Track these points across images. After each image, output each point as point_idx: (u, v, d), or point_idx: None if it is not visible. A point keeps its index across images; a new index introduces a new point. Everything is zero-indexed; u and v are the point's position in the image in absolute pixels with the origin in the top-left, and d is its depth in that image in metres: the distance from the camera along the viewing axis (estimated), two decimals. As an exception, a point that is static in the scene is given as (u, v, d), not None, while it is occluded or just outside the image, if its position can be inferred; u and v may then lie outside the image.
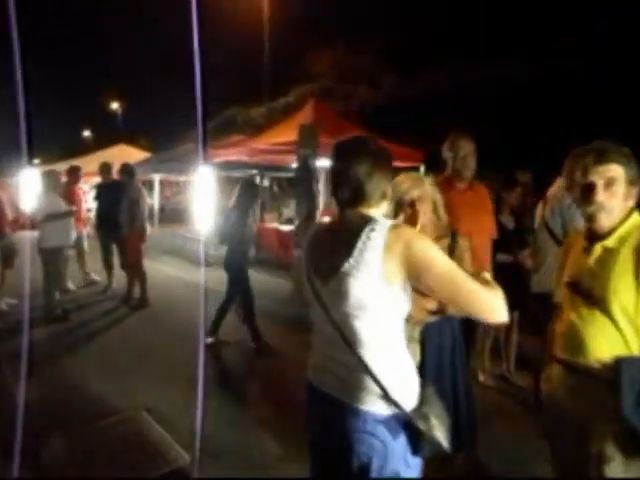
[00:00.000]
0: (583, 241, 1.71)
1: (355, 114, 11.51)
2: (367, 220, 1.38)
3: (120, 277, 6.89)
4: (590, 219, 1.66)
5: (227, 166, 10.32)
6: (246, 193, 4.80)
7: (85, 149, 21.04)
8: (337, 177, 1.45)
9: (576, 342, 1.62)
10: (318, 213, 10.39)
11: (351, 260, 1.34)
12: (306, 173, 7.09)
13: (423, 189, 2.09)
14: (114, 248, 6.99)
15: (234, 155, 9.05)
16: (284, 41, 17.05)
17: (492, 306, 1.33)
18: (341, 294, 1.36)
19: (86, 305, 6.45)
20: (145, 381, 4.02)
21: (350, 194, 1.42)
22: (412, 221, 2.07)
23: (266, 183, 13.43)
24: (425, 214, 2.08)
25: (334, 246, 1.41)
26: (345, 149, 1.46)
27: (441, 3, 14.82)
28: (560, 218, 2.94)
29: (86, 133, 40.43)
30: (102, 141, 21.23)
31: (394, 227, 1.34)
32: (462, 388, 2.15)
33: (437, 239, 2.11)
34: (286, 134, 8.62)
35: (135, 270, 6.45)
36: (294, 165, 9.72)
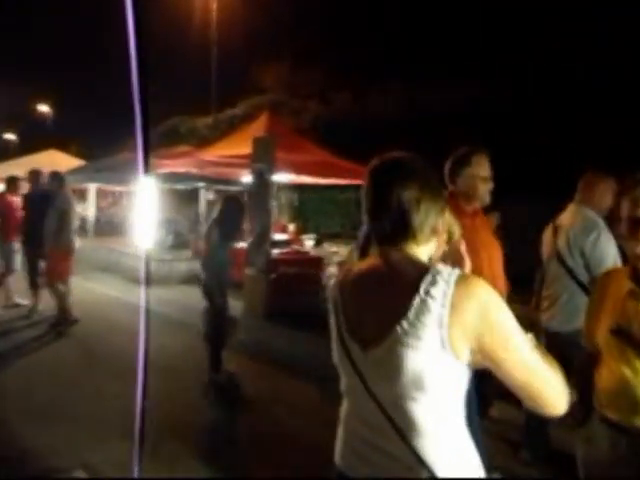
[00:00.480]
0: (628, 282, 1.50)
1: (307, 129, 11.33)
2: (423, 267, 1.06)
3: (49, 298, 6.12)
4: (639, 259, 1.46)
5: (171, 178, 9.73)
6: (231, 210, 4.28)
7: (9, 154, 19.27)
8: (374, 206, 1.14)
9: (633, 401, 1.39)
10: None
11: (405, 323, 1.01)
12: (261, 188, 6.72)
13: None
14: (42, 265, 6.22)
15: (181, 166, 8.51)
16: (230, 51, 16.67)
17: (562, 399, 1.06)
18: (391, 367, 1.03)
19: (7, 332, 5.63)
20: (80, 429, 3.43)
21: (392, 227, 1.10)
22: None
23: (211, 196, 12.97)
24: (439, 248, 1.78)
25: (378, 300, 1.09)
26: (384, 170, 1.15)
27: (398, 19, 14.77)
28: (582, 260, 2.68)
29: (9, 136, 37.30)
30: (28, 146, 19.57)
31: (463, 279, 1.03)
32: (481, 446, 1.88)
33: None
34: (237, 147, 8.23)
35: (50, 286, 5.80)
36: (245, 179, 9.35)
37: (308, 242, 8.97)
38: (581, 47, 10.77)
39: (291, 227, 9.01)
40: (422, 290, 1.02)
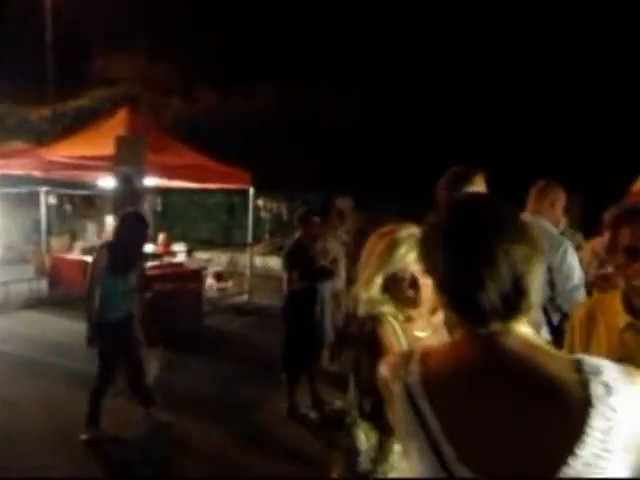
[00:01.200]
0: (624, 315, 1.45)
1: (168, 128, 10.33)
2: (566, 362, 0.78)
3: None
4: (638, 293, 1.40)
5: (2, 180, 8.03)
6: (130, 229, 3.55)
7: None
8: (470, 270, 0.81)
9: None
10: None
11: (586, 452, 0.72)
12: (130, 195, 5.84)
13: None
14: None
15: (19, 167, 7.05)
16: (72, 33, 14.41)
17: None
18: None
19: None
20: None
21: (502, 300, 0.80)
22: (411, 303, 1.50)
23: (52, 200, 11.14)
24: (428, 291, 1.50)
25: (520, 419, 0.76)
26: (482, 218, 0.84)
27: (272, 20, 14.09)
28: (547, 275, 2.52)
29: None
30: None
31: (629, 378, 0.79)
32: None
33: (431, 313, 1.61)
34: (92, 146, 7.09)
35: None
36: (102, 182, 8.15)
37: (181, 253, 8.18)
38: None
39: (160, 237, 8.10)
40: (598, 402, 0.73)
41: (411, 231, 1.52)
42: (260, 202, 10.36)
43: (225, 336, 6.46)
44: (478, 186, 2.19)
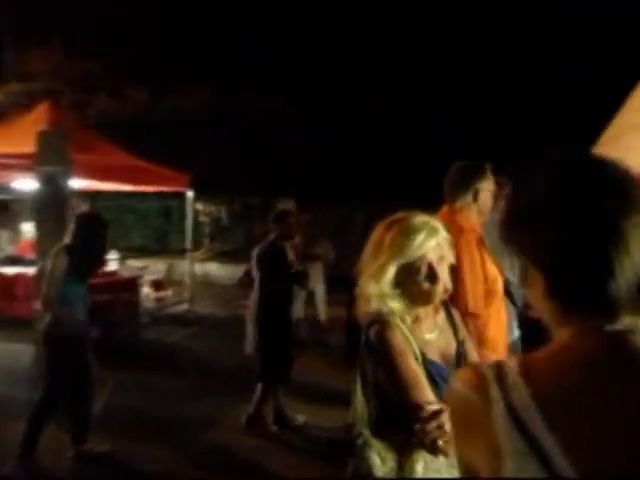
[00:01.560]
0: None
1: (94, 127, 9.56)
2: None
3: None
4: None
5: None
6: (88, 231, 3.30)
7: None
8: (598, 247, 0.63)
9: None
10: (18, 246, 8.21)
11: None
12: (54, 199, 5.25)
13: (441, 246, 1.36)
14: None
15: None
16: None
17: None
18: None
19: None
20: None
21: (629, 290, 0.63)
22: (425, 297, 1.37)
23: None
24: (442, 285, 1.36)
25: None
26: (605, 183, 0.66)
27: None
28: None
29: None
30: None
31: None
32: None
33: (435, 311, 1.46)
34: (5, 143, 6.42)
35: None
36: (18, 184, 7.36)
37: (113, 261, 7.56)
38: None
39: (88, 244, 7.42)
40: None
41: (425, 218, 1.39)
42: (199, 206, 9.90)
43: (166, 348, 6.02)
44: (491, 180, 2.17)
